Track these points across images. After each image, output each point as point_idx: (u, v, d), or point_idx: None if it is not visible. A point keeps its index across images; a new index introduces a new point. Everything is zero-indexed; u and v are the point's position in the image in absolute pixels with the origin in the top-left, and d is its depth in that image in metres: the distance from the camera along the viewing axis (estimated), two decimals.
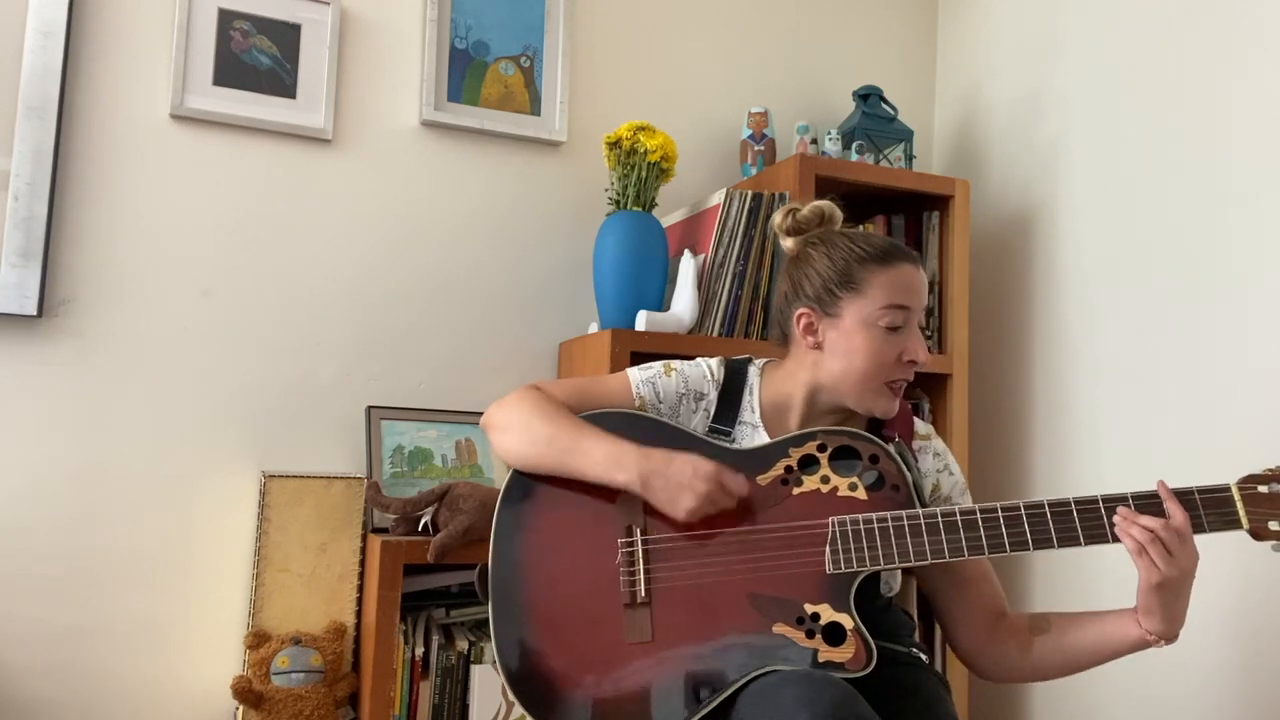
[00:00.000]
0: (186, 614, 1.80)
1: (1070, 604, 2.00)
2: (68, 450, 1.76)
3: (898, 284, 1.28)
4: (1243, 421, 1.68)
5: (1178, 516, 1.13)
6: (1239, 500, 1.14)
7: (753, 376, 1.37)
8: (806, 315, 1.31)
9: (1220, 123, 1.77)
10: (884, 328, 1.27)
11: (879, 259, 1.28)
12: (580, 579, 1.23)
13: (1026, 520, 1.17)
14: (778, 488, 1.24)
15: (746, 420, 1.34)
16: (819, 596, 1.18)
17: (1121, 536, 1.14)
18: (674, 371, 1.36)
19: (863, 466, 1.23)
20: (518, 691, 1.20)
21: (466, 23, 2.07)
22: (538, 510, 1.27)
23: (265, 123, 1.90)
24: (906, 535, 1.19)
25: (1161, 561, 1.11)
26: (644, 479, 1.19)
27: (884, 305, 1.27)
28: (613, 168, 1.93)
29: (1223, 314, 1.73)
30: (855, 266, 1.28)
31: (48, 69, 1.75)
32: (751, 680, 1.14)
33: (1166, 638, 1.17)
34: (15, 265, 1.71)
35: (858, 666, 1.14)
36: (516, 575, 1.24)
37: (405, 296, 2.00)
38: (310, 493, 1.79)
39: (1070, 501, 1.17)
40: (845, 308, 1.28)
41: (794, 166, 1.93)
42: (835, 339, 1.29)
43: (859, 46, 2.43)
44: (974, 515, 1.18)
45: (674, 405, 1.34)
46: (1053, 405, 2.06)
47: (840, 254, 1.30)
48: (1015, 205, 2.21)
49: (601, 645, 1.20)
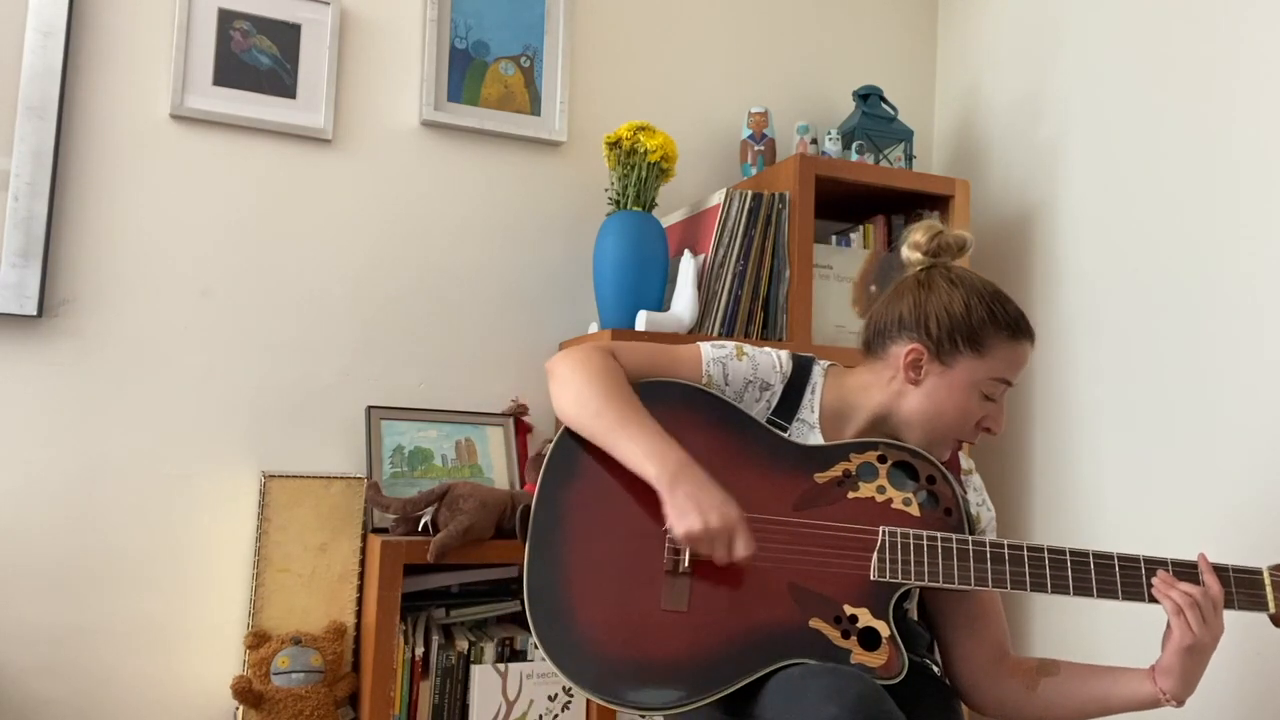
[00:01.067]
0: (186, 614, 1.80)
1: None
2: (68, 450, 1.76)
3: (1016, 360, 1.29)
4: (1243, 421, 1.69)
5: (1215, 587, 1.19)
6: (1269, 585, 1.20)
7: (817, 376, 1.36)
8: (917, 352, 1.29)
9: (1220, 123, 1.77)
10: (983, 394, 1.29)
11: (1011, 331, 1.29)
12: (624, 538, 1.22)
13: (1070, 566, 1.21)
14: (834, 488, 1.24)
15: (804, 419, 1.33)
16: (859, 600, 1.19)
17: (1160, 598, 1.18)
18: (745, 356, 1.34)
19: (919, 485, 1.25)
20: (541, 636, 1.17)
21: (466, 23, 2.07)
22: (590, 465, 1.25)
23: (265, 123, 1.90)
24: (954, 558, 1.21)
25: (1197, 626, 1.16)
26: (674, 482, 1.17)
27: (996, 376, 1.28)
28: (613, 168, 1.93)
29: (1223, 314, 1.73)
30: (989, 329, 1.28)
31: (48, 69, 1.75)
32: (777, 670, 1.14)
33: (1178, 699, 1.20)
34: (15, 265, 1.71)
35: (889, 674, 1.14)
36: (557, 523, 1.23)
37: (405, 296, 2.00)
38: (310, 493, 1.79)
39: (1114, 556, 1.21)
40: (960, 362, 1.28)
41: (794, 166, 1.93)
42: (935, 385, 1.29)
43: (859, 46, 2.43)
44: (1021, 552, 1.21)
45: (739, 390, 1.33)
46: (1052, 405, 2.06)
47: (978, 310, 1.29)
48: (1015, 205, 2.21)
49: (635, 606, 1.18)
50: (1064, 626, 2.00)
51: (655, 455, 1.18)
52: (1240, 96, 1.73)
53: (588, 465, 1.26)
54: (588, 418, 1.23)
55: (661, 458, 1.18)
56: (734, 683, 1.14)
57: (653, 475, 1.18)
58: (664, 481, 1.17)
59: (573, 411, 1.25)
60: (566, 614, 1.18)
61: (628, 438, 1.20)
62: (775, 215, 1.92)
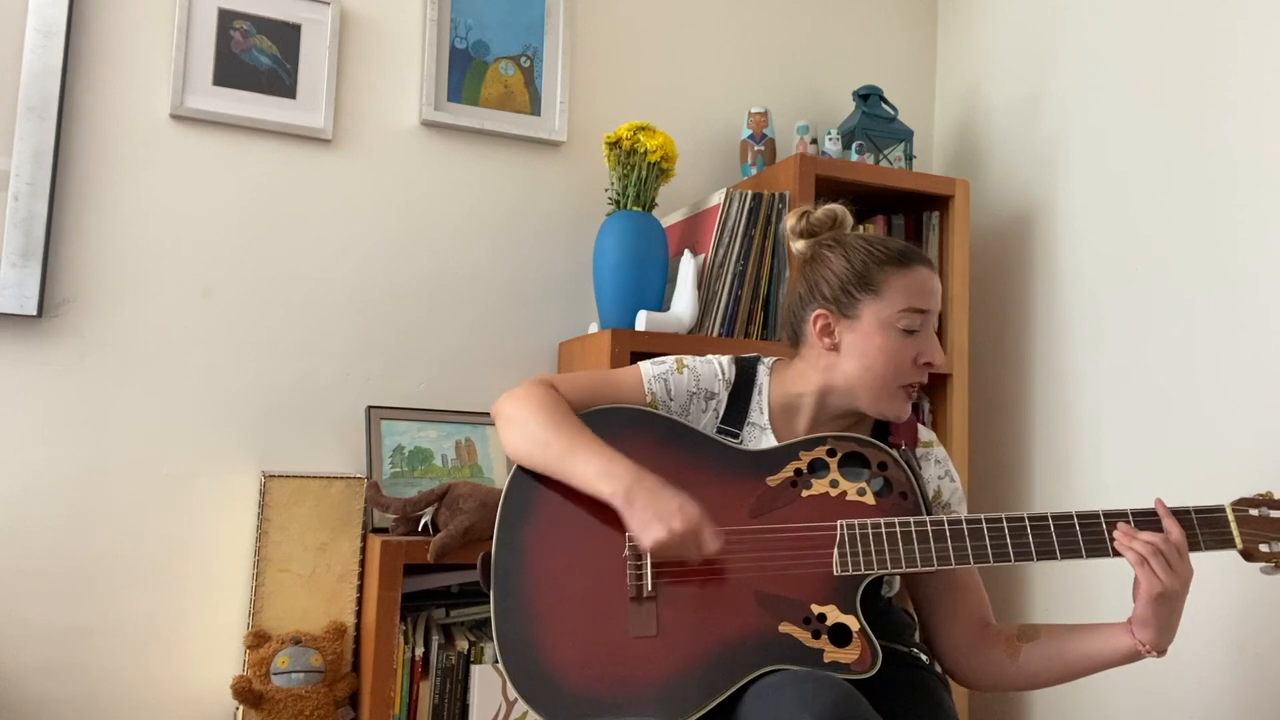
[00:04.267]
0: (186, 614, 1.80)
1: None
2: (68, 450, 1.76)
3: (915, 287, 1.29)
4: (1243, 420, 1.69)
5: (1175, 532, 1.18)
6: (1233, 521, 1.19)
7: (762, 376, 1.37)
8: (823, 317, 1.31)
9: (1220, 123, 1.77)
10: (901, 330, 1.28)
11: (897, 261, 1.29)
12: (586, 571, 1.22)
13: (1030, 531, 1.20)
14: (787, 489, 1.24)
15: (754, 421, 1.34)
16: (825, 597, 1.19)
17: (1123, 550, 1.18)
18: (686, 369, 1.35)
19: (871, 473, 1.25)
20: (517, 682, 1.19)
21: (466, 23, 2.07)
22: (545, 501, 1.26)
23: (265, 123, 1.90)
24: (914, 541, 1.21)
25: (1163, 573, 1.16)
26: (629, 496, 1.17)
27: (902, 308, 1.28)
28: (613, 168, 1.93)
29: (1223, 313, 1.73)
30: (874, 269, 1.29)
31: (48, 69, 1.75)
32: (755, 679, 1.14)
33: (1158, 649, 1.20)
34: (15, 265, 1.71)
35: (863, 668, 1.15)
36: (520, 565, 1.24)
37: (405, 296, 2.00)
38: (310, 493, 1.79)
39: (1073, 515, 1.21)
40: (863, 310, 1.29)
41: (794, 166, 1.93)
42: (853, 341, 1.29)
43: (859, 46, 2.43)
44: (980, 524, 1.21)
45: (684, 403, 1.34)
46: (1053, 405, 2.06)
47: (858, 256, 1.31)
48: (1015, 205, 2.21)
49: (605, 638, 1.19)
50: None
51: (606, 474, 1.19)
52: (1239, 96, 1.73)
53: (543, 501, 1.27)
54: (538, 450, 1.25)
55: (612, 475, 1.19)
56: (712, 700, 1.15)
57: (607, 493, 1.19)
58: (619, 497, 1.18)
59: (523, 447, 1.26)
60: (539, 658, 1.19)
61: (577, 461, 1.22)
62: (775, 215, 1.92)
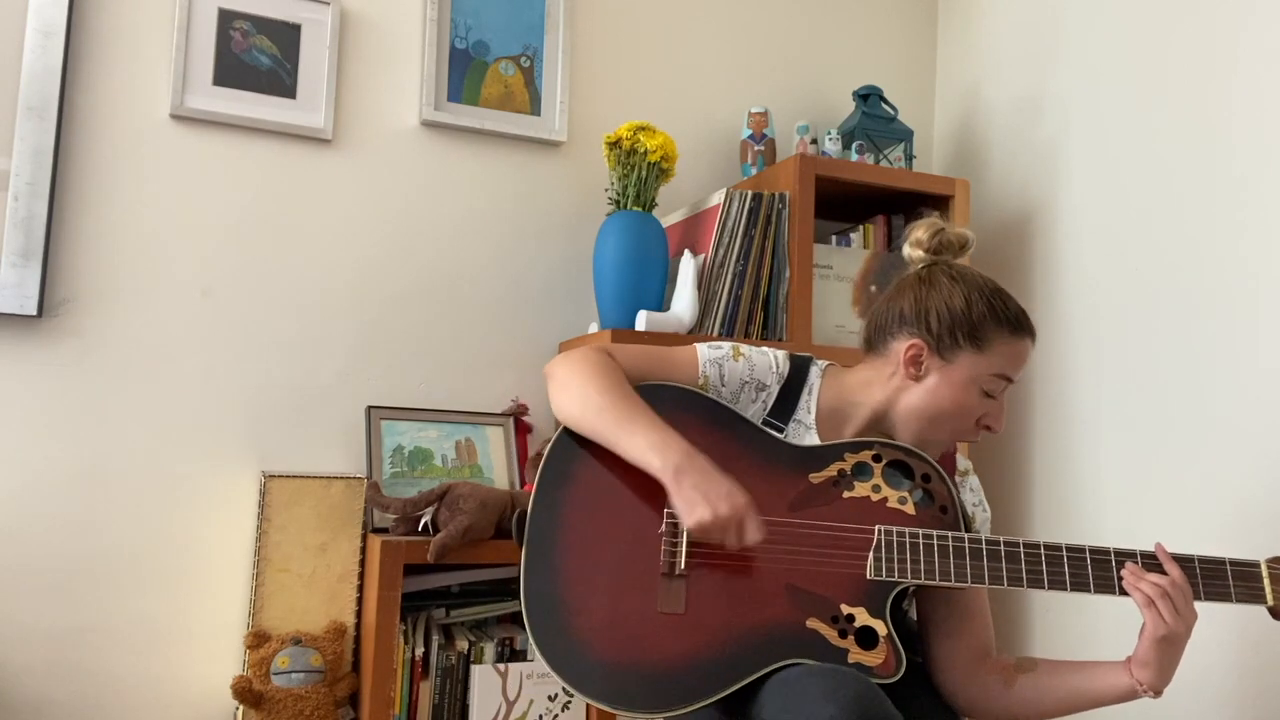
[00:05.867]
0: (186, 614, 1.80)
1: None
2: (68, 450, 1.76)
3: (1017, 357, 1.30)
4: (1244, 421, 1.69)
5: (1177, 577, 1.19)
6: (1266, 578, 1.20)
7: (814, 377, 1.36)
8: (918, 348, 1.30)
9: (1220, 123, 1.77)
10: (983, 391, 1.29)
11: (1012, 327, 1.29)
12: (620, 540, 1.22)
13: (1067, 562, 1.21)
14: (829, 488, 1.24)
15: (800, 419, 1.33)
16: (856, 599, 1.19)
17: (1130, 590, 1.19)
18: (742, 357, 1.34)
19: (914, 484, 1.25)
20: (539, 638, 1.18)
21: (466, 23, 2.07)
22: (586, 467, 1.25)
23: (265, 123, 1.90)
24: (950, 555, 1.21)
25: (1169, 616, 1.16)
26: (679, 473, 1.16)
27: (996, 372, 1.28)
28: (613, 168, 1.93)
29: (1223, 314, 1.73)
30: (989, 325, 1.28)
31: (48, 69, 1.75)
32: (775, 671, 1.14)
33: (1156, 689, 1.20)
34: (15, 265, 1.71)
35: (886, 673, 1.15)
36: (555, 526, 1.23)
37: (405, 296, 2.00)
38: (310, 493, 1.79)
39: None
40: (961, 357, 1.28)
41: (794, 166, 1.93)
42: (935, 381, 1.29)
43: (859, 46, 2.43)
44: (1017, 548, 1.21)
45: (736, 391, 1.33)
46: (1052, 405, 2.06)
47: (979, 305, 1.29)
48: (1015, 205, 2.21)
49: (631, 609, 1.18)
50: (1064, 627, 2.00)
51: (658, 447, 1.18)
52: (1240, 96, 1.73)
53: (585, 467, 1.26)
54: (591, 415, 1.23)
55: (665, 449, 1.18)
56: (732, 684, 1.14)
57: (657, 467, 1.17)
58: (669, 473, 1.16)
59: (575, 410, 1.25)
60: (564, 619, 1.18)
61: (631, 432, 1.20)
62: (775, 215, 1.92)
